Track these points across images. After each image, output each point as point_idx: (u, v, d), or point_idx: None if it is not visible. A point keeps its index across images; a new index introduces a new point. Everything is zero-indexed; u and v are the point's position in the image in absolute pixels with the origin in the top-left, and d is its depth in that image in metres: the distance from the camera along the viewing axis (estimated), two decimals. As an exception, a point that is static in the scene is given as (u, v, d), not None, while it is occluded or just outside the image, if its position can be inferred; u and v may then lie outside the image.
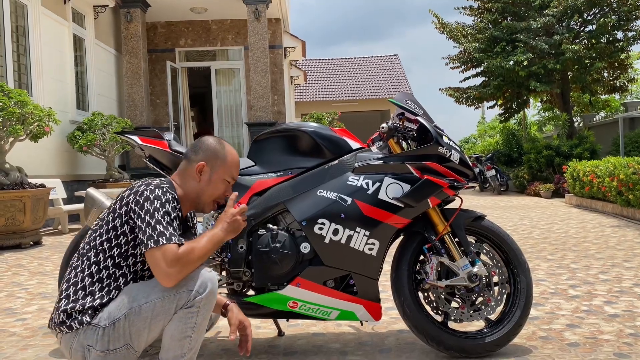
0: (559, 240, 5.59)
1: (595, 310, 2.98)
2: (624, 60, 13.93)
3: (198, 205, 1.93)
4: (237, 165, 1.97)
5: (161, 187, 1.78)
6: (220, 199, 1.94)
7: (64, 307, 1.75)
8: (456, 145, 2.39)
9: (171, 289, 1.72)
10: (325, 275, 2.28)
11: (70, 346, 1.74)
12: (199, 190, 1.90)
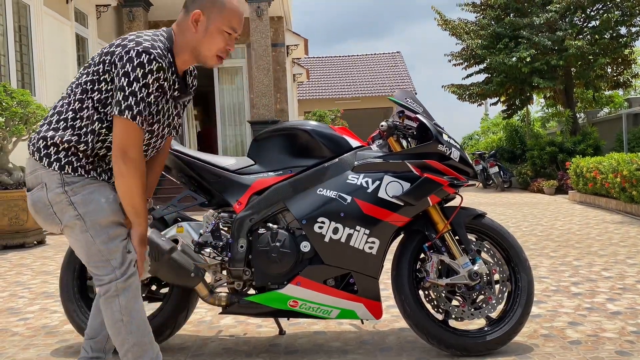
0: (561, 237, 5.58)
1: (597, 307, 2.97)
2: (628, 56, 13.85)
3: (199, 59, 1.83)
4: (238, 14, 1.80)
5: (149, 53, 1.68)
6: (222, 52, 1.80)
7: (44, 132, 1.77)
8: (456, 143, 2.39)
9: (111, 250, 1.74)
10: (326, 274, 2.28)
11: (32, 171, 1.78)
12: (196, 41, 1.78)
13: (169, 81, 1.76)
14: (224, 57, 1.82)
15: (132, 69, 1.66)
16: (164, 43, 1.75)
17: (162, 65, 1.70)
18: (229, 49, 1.81)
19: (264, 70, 11.79)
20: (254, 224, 2.34)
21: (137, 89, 1.66)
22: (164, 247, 2.26)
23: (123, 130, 1.68)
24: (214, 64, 1.82)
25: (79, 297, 2.50)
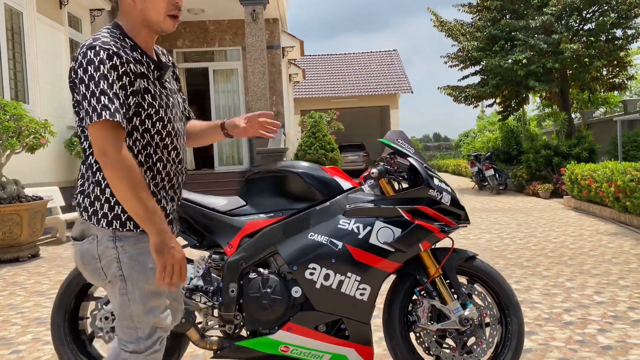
0: (555, 251, 5.60)
1: (588, 340, 2.98)
2: (623, 58, 13.86)
3: (154, 28, 1.65)
4: None
5: (92, 47, 1.53)
6: (171, 10, 1.63)
7: (80, 187, 1.67)
8: (447, 186, 2.39)
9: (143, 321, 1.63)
10: (317, 320, 2.28)
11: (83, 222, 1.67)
12: (142, 12, 1.62)
13: (141, 64, 1.61)
14: (177, 14, 1.66)
15: (92, 69, 1.51)
16: (114, 32, 1.62)
17: (121, 54, 1.55)
18: (177, 3, 1.64)
19: (259, 74, 11.75)
20: (244, 268, 2.34)
21: (101, 86, 1.50)
22: (154, 293, 2.26)
23: (97, 133, 1.50)
24: (170, 26, 1.65)
25: (70, 340, 2.49)
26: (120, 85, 1.53)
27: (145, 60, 1.65)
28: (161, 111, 1.65)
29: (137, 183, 1.53)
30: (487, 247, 5.95)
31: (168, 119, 1.67)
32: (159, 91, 1.66)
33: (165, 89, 1.70)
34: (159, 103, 1.65)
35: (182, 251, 1.59)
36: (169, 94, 1.71)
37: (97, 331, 2.47)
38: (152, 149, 1.65)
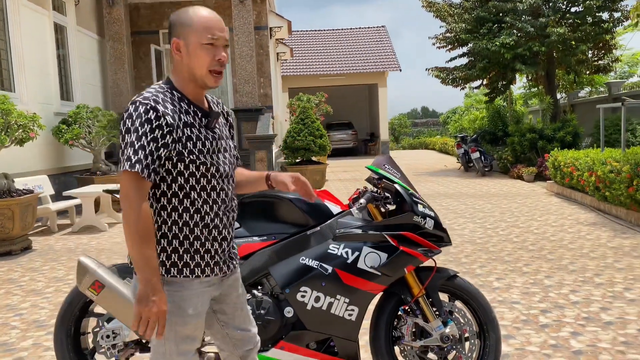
0: (536, 244, 5.81)
1: (561, 345, 3.18)
2: (609, 41, 13.98)
3: (199, 82, 1.75)
4: (210, 22, 1.73)
5: (144, 103, 1.65)
6: (214, 65, 1.73)
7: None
8: (431, 210, 2.52)
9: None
10: (308, 339, 2.44)
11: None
12: (187, 67, 1.74)
13: (187, 113, 1.73)
14: (219, 69, 1.75)
15: (130, 123, 1.63)
16: (162, 87, 1.74)
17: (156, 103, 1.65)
18: (221, 60, 1.74)
19: (246, 57, 11.72)
20: (239, 289, 2.46)
21: (132, 139, 1.62)
22: (154, 314, 2.39)
23: (122, 180, 1.63)
24: (212, 82, 1.75)
25: (73, 355, 2.62)
26: (152, 137, 1.63)
27: (193, 110, 1.76)
28: (207, 157, 1.75)
29: (143, 233, 1.62)
30: (470, 239, 6.15)
31: (212, 162, 1.76)
32: (205, 137, 1.76)
33: (215, 134, 1.81)
34: (206, 149, 1.75)
35: (164, 307, 1.65)
36: (217, 140, 1.81)
37: (98, 347, 2.60)
38: (196, 193, 1.75)
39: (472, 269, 4.93)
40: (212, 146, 1.78)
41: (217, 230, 1.80)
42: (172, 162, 1.70)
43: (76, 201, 7.91)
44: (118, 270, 2.62)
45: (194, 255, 1.76)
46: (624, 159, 7.11)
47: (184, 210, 1.74)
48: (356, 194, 2.63)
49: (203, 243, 1.77)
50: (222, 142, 1.84)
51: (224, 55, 1.75)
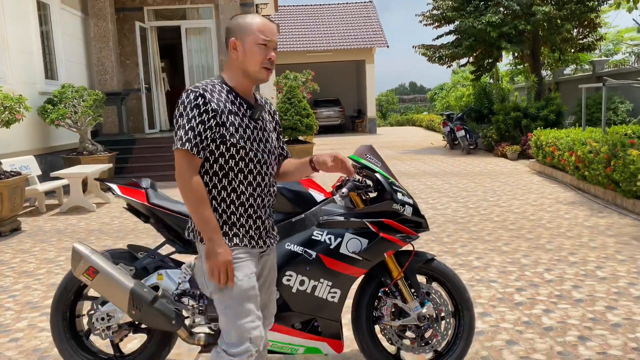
0: (516, 223, 6.00)
1: (533, 322, 3.37)
2: (594, 20, 14.08)
3: (251, 77, 2.00)
4: (265, 26, 1.99)
5: (193, 91, 1.92)
6: (266, 63, 1.99)
7: None
8: (410, 198, 2.65)
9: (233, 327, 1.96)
10: (293, 320, 2.58)
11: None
12: (241, 63, 1.98)
13: (232, 103, 1.97)
14: (270, 67, 2.01)
15: (182, 108, 1.91)
16: (212, 81, 2.00)
17: (205, 92, 1.92)
18: (271, 59, 2.00)
19: (233, 35, 11.63)
20: (228, 274, 2.59)
21: (184, 122, 1.90)
22: (146, 298, 2.52)
23: (176, 158, 1.91)
24: (264, 76, 2.01)
25: (70, 337, 2.75)
26: (200, 120, 1.90)
27: (239, 102, 2.02)
28: (247, 143, 1.99)
29: (197, 200, 1.90)
30: (452, 219, 6.33)
31: (250, 148, 2.00)
32: (246, 125, 2.00)
33: (257, 125, 2.06)
34: (246, 136, 1.99)
35: (228, 257, 1.92)
36: (259, 130, 2.06)
37: (93, 329, 2.71)
38: (233, 174, 1.99)
39: (453, 248, 5.10)
40: (252, 134, 2.02)
41: (252, 209, 2.03)
42: (215, 144, 1.94)
43: (64, 182, 7.95)
44: (111, 256, 2.73)
45: (232, 227, 2.00)
46: (603, 140, 7.30)
47: (222, 188, 1.99)
48: (339, 182, 2.74)
49: (238, 219, 2.01)
50: (264, 133, 2.08)
51: (274, 55, 2.01)
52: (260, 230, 2.07)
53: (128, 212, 2.84)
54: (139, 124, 13.03)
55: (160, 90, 13.99)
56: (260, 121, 2.08)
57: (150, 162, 10.91)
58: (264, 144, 2.06)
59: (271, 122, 2.18)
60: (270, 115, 2.20)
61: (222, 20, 11.60)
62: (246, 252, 2.02)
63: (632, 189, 6.24)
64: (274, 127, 2.20)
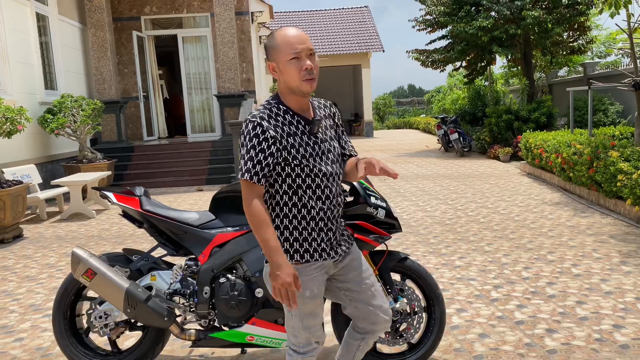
0: (500, 224, 6.22)
1: (506, 316, 3.58)
2: (583, 23, 14.32)
3: (296, 92, 2.03)
4: (291, 38, 1.99)
5: (250, 121, 2.00)
6: (304, 75, 1.98)
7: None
8: (383, 201, 2.86)
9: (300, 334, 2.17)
10: (276, 315, 2.79)
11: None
12: (284, 82, 2.03)
13: (290, 124, 2.05)
14: (309, 77, 2.00)
15: (243, 138, 2.02)
16: (270, 102, 2.09)
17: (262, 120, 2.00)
18: (307, 68, 1.98)
19: (228, 44, 11.89)
20: (215, 274, 2.81)
21: (244, 152, 2.01)
22: (140, 297, 2.74)
23: (242, 186, 2.02)
24: (308, 88, 2.01)
25: (70, 334, 2.96)
26: (260, 149, 1.99)
27: (296, 120, 2.08)
28: (310, 160, 2.06)
29: (257, 223, 1.99)
30: (440, 221, 6.54)
31: (314, 165, 2.07)
32: (306, 143, 2.07)
33: (317, 139, 2.11)
34: (308, 154, 2.06)
35: (287, 279, 1.96)
36: (320, 143, 2.11)
37: (92, 327, 2.93)
38: (302, 191, 2.07)
39: (438, 248, 5.32)
40: (313, 150, 2.08)
41: (323, 222, 2.12)
42: (280, 167, 2.04)
43: (64, 189, 8.17)
44: (108, 259, 2.95)
45: (303, 243, 2.10)
46: (586, 142, 7.52)
47: (292, 206, 2.08)
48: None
49: (310, 233, 2.10)
50: (325, 144, 2.13)
51: (309, 63, 1.99)
52: (332, 241, 2.15)
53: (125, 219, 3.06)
54: (137, 131, 13.26)
55: (158, 97, 14.23)
56: (320, 133, 2.12)
57: (148, 169, 11.14)
58: (326, 155, 2.11)
59: (332, 126, 2.21)
60: (331, 117, 2.22)
61: (218, 29, 11.84)
62: (317, 267, 2.12)
63: (612, 189, 6.45)
64: (335, 131, 2.22)
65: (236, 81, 11.97)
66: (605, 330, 3.30)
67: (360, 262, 2.31)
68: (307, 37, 2.02)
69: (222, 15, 11.85)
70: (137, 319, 2.80)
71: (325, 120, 2.19)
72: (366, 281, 2.30)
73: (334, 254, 2.16)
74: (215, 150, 11.61)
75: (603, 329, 3.33)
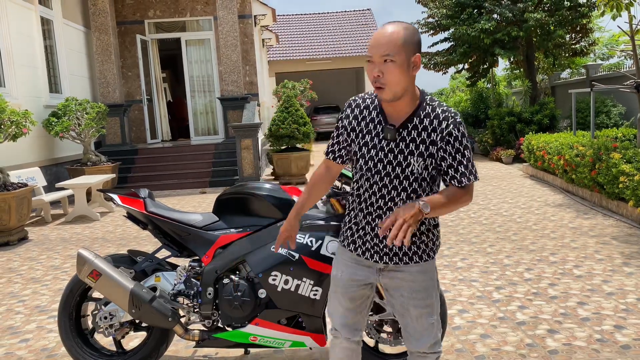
0: (503, 226, 6.23)
1: (508, 317, 3.60)
2: (586, 25, 14.33)
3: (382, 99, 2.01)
4: (372, 40, 1.92)
5: (347, 102, 2.15)
6: (374, 84, 1.92)
7: None
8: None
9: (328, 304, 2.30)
10: (279, 316, 2.82)
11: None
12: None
13: (372, 122, 2.02)
14: (377, 85, 1.91)
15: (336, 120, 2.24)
16: (371, 93, 2.09)
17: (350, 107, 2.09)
18: (374, 76, 1.90)
19: (231, 47, 11.95)
20: (219, 275, 2.85)
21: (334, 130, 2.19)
22: (145, 298, 2.78)
23: None
24: (380, 96, 1.94)
25: (75, 335, 2.99)
26: (335, 133, 2.16)
27: (378, 120, 2.02)
28: (362, 160, 2.05)
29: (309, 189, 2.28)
30: (443, 222, 6.56)
31: (368, 168, 2.03)
32: (373, 146, 2.02)
33: (389, 146, 1.99)
34: (368, 155, 2.02)
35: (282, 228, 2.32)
36: (388, 152, 2.00)
37: (97, 327, 2.96)
38: (357, 183, 2.12)
39: (440, 250, 5.34)
40: (375, 154, 2.01)
41: (357, 219, 2.12)
42: (346, 152, 2.16)
43: (68, 192, 8.22)
44: (113, 260, 2.99)
45: (346, 230, 2.20)
46: (589, 144, 7.53)
47: (353, 190, 2.16)
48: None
49: (350, 220, 2.18)
50: (392, 155, 1.99)
51: (375, 72, 1.89)
52: (364, 241, 2.10)
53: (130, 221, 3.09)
54: (141, 134, 13.32)
55: (162, 100, 14.30)
56: (398, 142, 1.98)
57: (152, 172, 11.19)
58: (384, 165, 2.00)
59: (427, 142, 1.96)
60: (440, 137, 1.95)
61: (221, 32, 11.90)
62: (344, 253, 2.19)
63: (615, 191, 6.46)
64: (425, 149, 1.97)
65: (239, 84, 12.03)
66: (606, 331, 3.32)
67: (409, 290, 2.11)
68: (386, 40, 1.87)
69: (225, 18, 11.91)
70: (141, 320, 2.83)
71: (423, 134, 1.97)
72: (411, 313, 2.12)
73: (360, 253, 2.12)
74: (218, 152, 11.66)
75: (604, 329, 3.35)
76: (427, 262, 2.11)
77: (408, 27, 1.92)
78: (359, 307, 2.23)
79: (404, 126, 1.98)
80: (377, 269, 2.15)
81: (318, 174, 2.25)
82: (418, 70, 1.93)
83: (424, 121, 1.97)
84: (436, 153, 1.97)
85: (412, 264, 2.09)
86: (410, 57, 1.89)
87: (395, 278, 2.12)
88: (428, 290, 2.12)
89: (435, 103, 2.00)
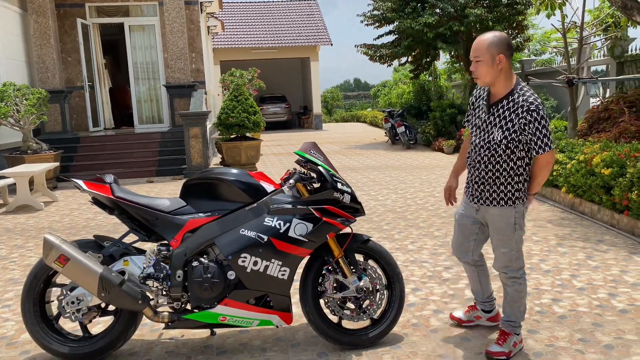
0: (447, 211, 6.57)
1: (457, 294, 3.87)
2: (521, 22, 15.08)
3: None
4: (471, 48, 2.80)
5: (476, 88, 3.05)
6: (473, 74, 2.82)
7: None
8: (348, 187, 3.06)
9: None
10: (248, 296, 2.94)
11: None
12: None
13: (482, 99, 2.92)
14: (474, 76, 2.82)
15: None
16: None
17: (476, 89, 3.03)
18: (472, 69, 2.81)
19: (177, 33, 11.75)
20: (188, 258, 2.92)
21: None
22: (115, 281, 2.81)
23: None
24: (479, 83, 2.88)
25: (40, 320, 2.98)
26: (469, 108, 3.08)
27: (484, 100, 2.91)
28: (469, 125, 3.04)
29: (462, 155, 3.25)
30: (391, 209, 6.84)
31: (472, 131, 2.98)
32: (477, 117, 2.95)
33: (485, 118, 2.88)
34: (472, 121, 3.00)
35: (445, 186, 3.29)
36: (483, 121, 2.89)
37: (63, 312, 2.96)
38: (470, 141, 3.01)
39: (391, 234, 5.59)
40: (476, 121, 2.95)
41: (469, 172, 3.01)
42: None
43: (9, 180, 7.89)
44: (79, 245, 2.99)
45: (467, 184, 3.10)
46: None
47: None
48: (287, 175, 3.11)
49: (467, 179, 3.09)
50: (484, 124, 2.88)
51: (472, 68, 2.80)
52: (470, 186, 3.00)
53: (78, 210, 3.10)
54: (82, 122, 12.89)
55: (104, 87, 13.86)
56: (492, 115, 2.82)
57: (96, 161, 10.88)
58: (480, 128, 2.90)
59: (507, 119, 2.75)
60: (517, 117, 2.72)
61: (167, 18, 11.67)
62: (463, 197, 3.12)
63: (549, 178, 6.95)
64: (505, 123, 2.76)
65: (186, 71, 11.86)
66: (545, 304, 3.64)
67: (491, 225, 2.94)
68: (476, 46, 2.74)
69: (171, 4, 11.69)
70: (111, 303, 2.87)
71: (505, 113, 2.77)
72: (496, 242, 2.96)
73: (471, 198, 3.01)
74: (164, 141, 11.47)
75: (543, 302, 3.67)
76: (503, 207, 2.86)
77: (496, 34, 2.72)
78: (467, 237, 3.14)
79: (495, 105, 2.81)
80: (474, 208, 2.99)
81: (465, 141, 3.13)
82: (502, 65, 2.71)
83: (511, 103, 2.76)
84: (511, 128, 2.75)
85: (492, 207, 2.89)
86: (495, 56, 2.70)
87: (482, 213, 2.98)
88: (503, 229, 2.89)
89: (522, 91, 2.75)
